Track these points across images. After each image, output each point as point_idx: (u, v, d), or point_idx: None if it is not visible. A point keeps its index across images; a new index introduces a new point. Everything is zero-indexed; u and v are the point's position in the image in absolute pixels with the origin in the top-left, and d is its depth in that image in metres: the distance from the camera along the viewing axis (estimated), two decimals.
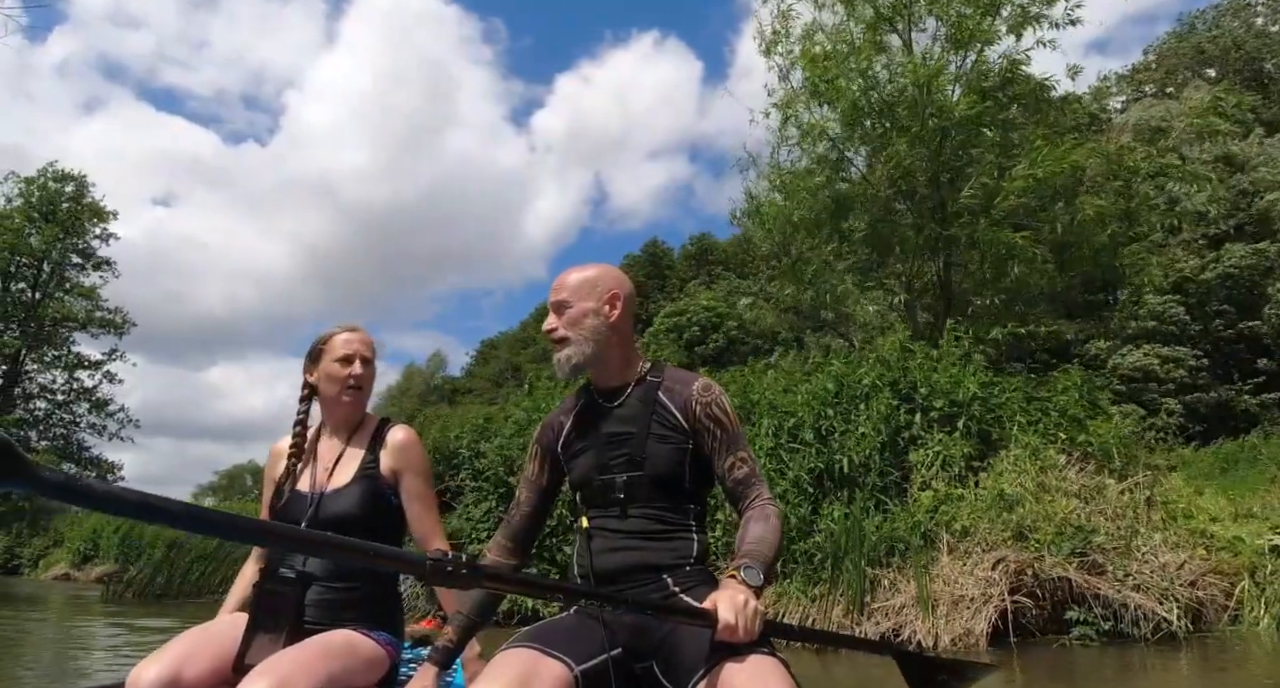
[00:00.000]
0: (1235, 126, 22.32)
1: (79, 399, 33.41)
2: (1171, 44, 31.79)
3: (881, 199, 9.62)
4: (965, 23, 9.34)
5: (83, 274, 33.42)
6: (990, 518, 5.96)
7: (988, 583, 5.42)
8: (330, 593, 1.79)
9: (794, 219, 9.98)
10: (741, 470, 1.55)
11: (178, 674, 1.58)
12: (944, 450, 6.71)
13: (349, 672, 1.65)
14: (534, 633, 1.47)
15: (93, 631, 8.53)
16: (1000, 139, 9.79)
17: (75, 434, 33.16)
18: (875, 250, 9.79)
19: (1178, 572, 5.39)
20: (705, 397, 1.60)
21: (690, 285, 40.98)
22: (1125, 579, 5.34)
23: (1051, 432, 7.09)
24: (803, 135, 10.42)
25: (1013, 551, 5.59)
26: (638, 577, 1.53)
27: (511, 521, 1.74)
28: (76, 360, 33.28)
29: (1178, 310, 19.64)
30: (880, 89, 9.76)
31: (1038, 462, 6.69)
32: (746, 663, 1.28)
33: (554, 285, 1.68)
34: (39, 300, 32.14)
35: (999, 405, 7.26)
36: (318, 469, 1.94)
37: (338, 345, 1.97)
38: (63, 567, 25.61)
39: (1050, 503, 6.10)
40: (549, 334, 1.65)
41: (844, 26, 10.35)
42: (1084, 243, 8.49)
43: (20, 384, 32.11)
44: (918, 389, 7.19)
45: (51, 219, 31.87)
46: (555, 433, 1.73)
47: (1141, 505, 6.20)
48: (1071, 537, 5.65)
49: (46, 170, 32.51)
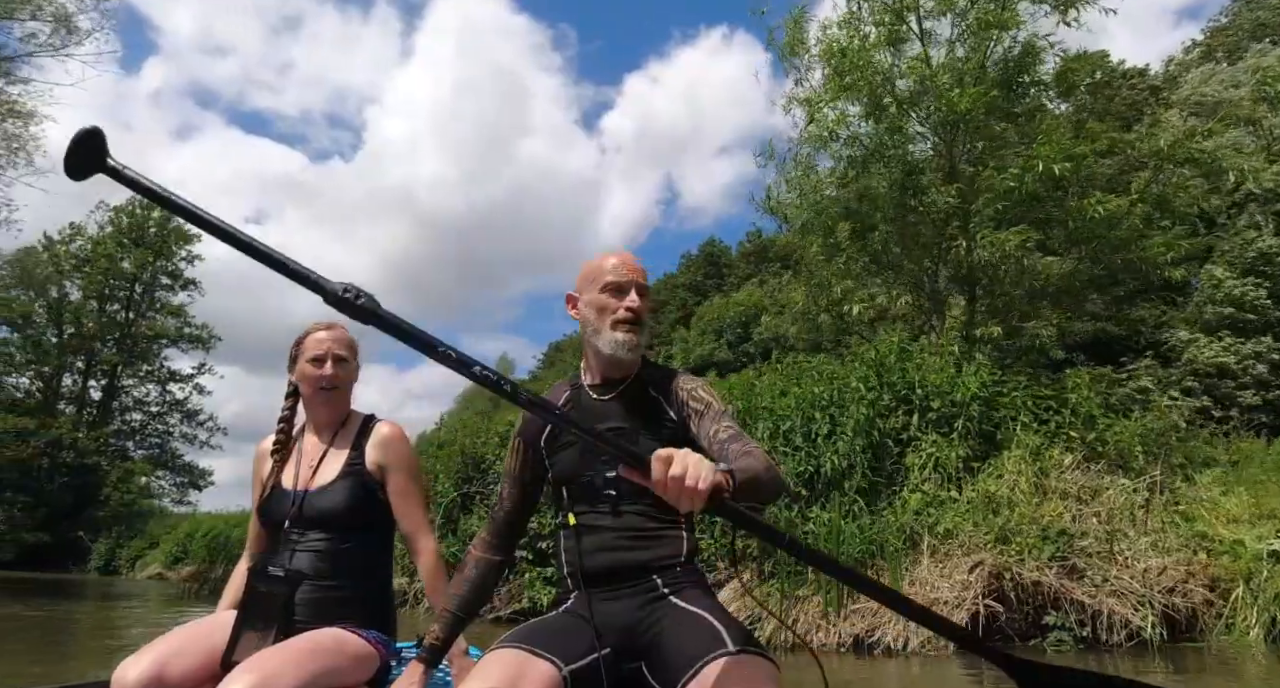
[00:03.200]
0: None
1: (171, 411, 35.77)
2: (1241, 7, 29.81)
3: (896, 198, 9.47)
4: (984, 13, 9.07)
5: (171, 294, 35.82)
6: (975, 521, 5.90)
7: (963, 586, 5.38)
8: (319, 592, 1.79)
9: (808, 220, 9.97)
10: (726, 433, 1.50)
11: (162, 671, 1.57)
12: (936, 452, 6.67)
13: (336, 670, 1.64)
14: (522, 633, 1.46)
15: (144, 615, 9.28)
16: (1018, 130, 9.53)
17: (169, 444, 35.51)
18: (891, 247, 9.63)
19: (1158, 578, 5.22)
20: (689, 384, 1.63)
21: (748, 285, 40.67)
22: (1103, 585, 5.22)
23: (1063, 431, 6.93)
24: (821, 135, 10.31)
25: (992, 554, 5.53)
26: (629, 576, 1.52)
27: (495, 516, 1.72)
28: (169, 374, 35.68)
29: (1259, 294, 18.35)
30: (893, 82, 9.63)
31: (1037, 462, 6.58)
32: (736, 664, 1.26)
33: (633, 266, 1.66)
34: (132, 319, 34.58)
35: (1003, 405, 7.14)
36: (302, 467, 1.95)
37: (309, 346, 1.96)
38: (157, 567, 27.47)
39: (1040, 506, 6.00)
40: (637, 314, 1.62)
41: (859, 17, 10.18)
42: (1096, 239, 8.19)
43: (117, 398, 34.56)
44: (915, 390, 7.15)
45: (141, 243, 34.23)
46: (539, 426, 1.69)
47: (1139, 507, 6.01)
48: (1054, 540, 5.56)
49: (134, 198, 34.94)
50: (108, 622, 8.99)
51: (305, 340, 1.98)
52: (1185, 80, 26.00)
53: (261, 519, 1.95)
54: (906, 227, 9.33)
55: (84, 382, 33.86)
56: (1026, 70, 9.22)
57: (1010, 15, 9.01)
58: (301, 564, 1.80)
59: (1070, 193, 8.33)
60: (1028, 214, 8.47)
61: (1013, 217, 8.41)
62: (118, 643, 6.50)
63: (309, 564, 1.80)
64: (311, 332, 1.99)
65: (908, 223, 9.04)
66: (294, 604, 1.75)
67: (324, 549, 1.82)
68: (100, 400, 33.84)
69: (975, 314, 8.95)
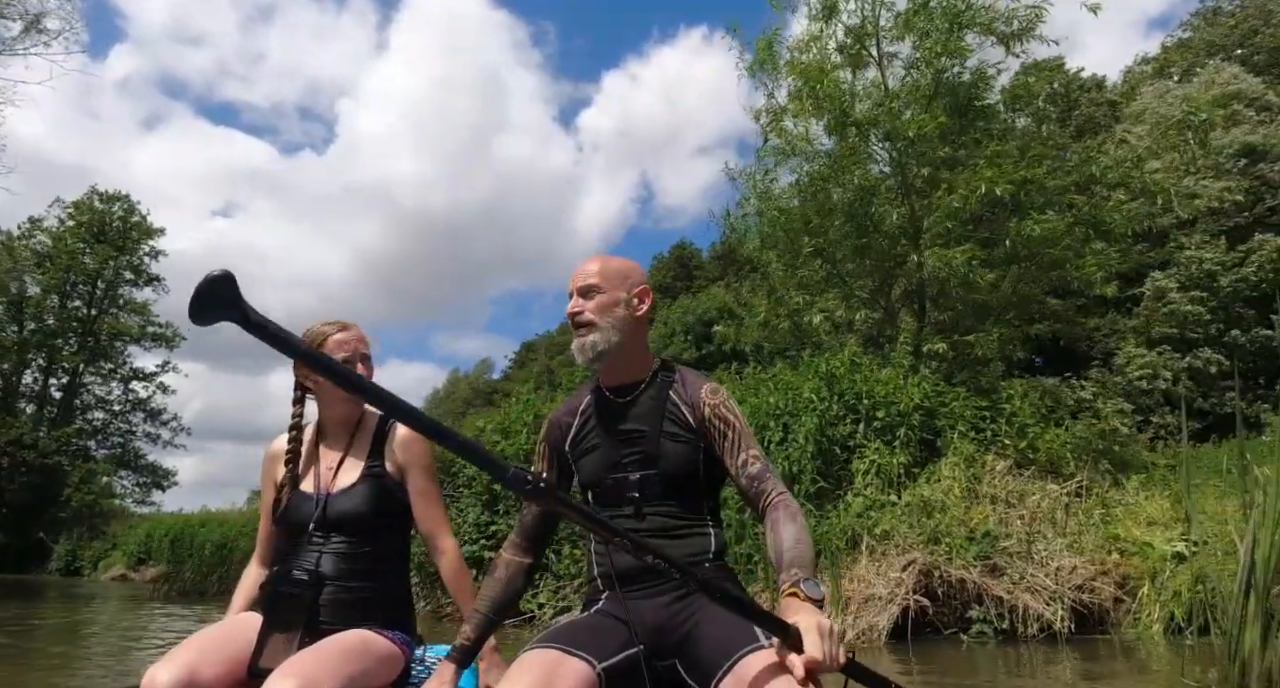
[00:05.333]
0: (1257, 112, 21.79)
1: (134, 410, 35.32)
2: (1199, 24, 30.73)
3: (850, 213, 9.92)
4: (935, 42, 9.55)
5: (135, 289, 35.36)
6: (910, 523, 6.38)
7: (896, 583, 5.85)
8: (344, 593, 1.80)
9: (766, 234, 10.41)
10: (755, 467, 1.54)
11: (193, 676, 1.57)
12: (879, 459, 7.15)
13: (367, 672, 1.66)
14: (556, 633, 1.48)
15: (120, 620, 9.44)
16: (968, 153, 10.05)
17: (131, 443, 35.07)
18: (846, 263, 10.11)
19: (1069, 575, 5.74)
20: (714, 399, 1.62)
21: (715, 287, 41.14)
22: (1020, 582, 5.72)
23: (998, 439, 7.46)
24: (783, 149, 10.73)
25: (924, 553, 6.01)
26: (658, 576, 1.52)
27: (524, 520, 1.74)
28: (132, 373, 35.24)
29: (1201, 310, 19.18)
30: (855, 102, 10.10)
31: (971, 469, 7.10)
32: (771, 657, 1.26)
33: (580, 270, 1.67)
34: (95, 316, 34.08)
35: (944, 415, 7.65)
36: (321, 470, 1.93)
37: (333, 347, 1.94)
38: (120, 568, 27.20)
39: (970, 509, 6.51)
40: (574, 317, 1.64)
41: (824, 40, 10.61)
42: (1033, 257, 8.76)
43: (79, 396, 34.06)
44: (862, 401, 7.62)
45: (103, 239, 33.75)
46: (563, 432, 1.73)
47: (1060, 511, 6.54)
48: (979, 541, 6.06)
49: (91, 192, 34.43)
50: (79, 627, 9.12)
51: (326, 343, 1.94)
52: (1140, 95, 26.90)
53: (281, 524, 1.93)
54: (861, 243, 9.81)
55: (45, 380, 33.36)
56: (977, 97, 9.78)
57: (959, 46, 9.53)
58: (326, 567, 1.80)
59: (1010, 212, 8.88)
60: (974, 233, 9.02)
61: (960, 235, 8.93)
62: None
63: (333, 567, 1.81)
64: (328, 333, 1.96)
65: (860, 241, 9.52)
66: (319, 607, 1.76)
67: (347, 552, 1.84)
68: (62, 399, 33.36)
69: (924, 328, 9.47)
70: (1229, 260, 19.49)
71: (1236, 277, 19.26)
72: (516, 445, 9.28)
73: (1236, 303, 19.43)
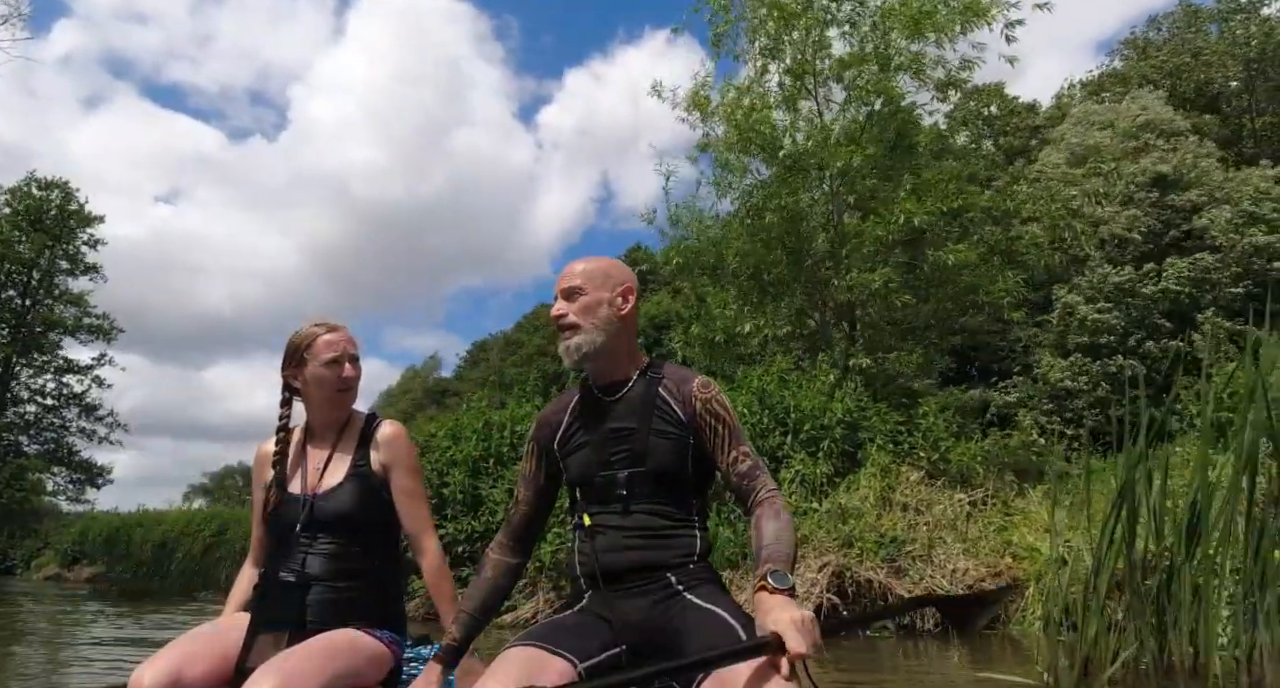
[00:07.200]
0: (1167, 141, 23.20)
1: (68, 404, 34.23)
2: (1131, 53, 32.01)
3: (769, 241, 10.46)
4: (867, 81, 10.23)
5: (71, 278, 34.26)
6: (828, 529, 7.01)
7: (811, 583, 6.45)
8: (331, 593, 1.80)
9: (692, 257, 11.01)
10: (744, 464, 1.55)
11: (178, 676, 1.58)
12: (804, 469, 7.78)
13: (353, 671, 1.66)
14: (537, 632, 1.49)
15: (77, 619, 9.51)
16: (891, 186, 10.75)
17: (65, 438, 34.00)
18: (776, 284, 10.75)
19: (963, 577, 6.43)
20: (705, 394, 1.61)
21: (664, 291, 41.71)
22: (920, 583, 6.39)
23: (914, 451, 8.15)
24: (721, 181, 11.25)
25: (838, 556, 6.63)
26: (642, 575, 1.54)
27: (512, 519, 1.75)
28: (65, 365, 34.16)
29: (1113, 319, 20.33)
30: (789, 138, 10.75)
31: (886, 479, 7.78)
32: (753, 662, 1.26)
33: (564, 272, 1.68)
34: (28, 307, 32.99)
35: (865, 428, 8.32)
36: (308, 470, 1.94)
37: (322, 348, 1.94)
38: (53, 567, 26.54)
39: (881, 516, 7.17)
40: (558, 320, 1.65)
41: (760, 82, 11.22)
42: (948, 282, 9.55)
43: (10, 389, 32.94)
44: (790, 414, 8.25)
45: (39, 227, 32.68)
46: (552, 430, 1.73)
47: (961, 518, 7.26)
48: (887, 546, 6.72)
49: (29, 179, 33.30)
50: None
51: (315, 344, 1.94)
52: (1067, 119, 28.21)
53: (270, 525, 1.94)
54: (791, 266, 10.47)
55: None
56: (905, 135, 10.53)
57: (891, 86, 10.25)
58: (313, 567, 1.82)
59: (928, 241, 9.64)
60: (897, 258, 9.76)
61: (883, 261, 9.66)
62: None
63: (320, 567, 1.82)
64: (317, 334, 1.96)
65: (790, 263, 10.18)
66: (306, 607, 1.78)
67: (334, 552, 1.86)
68: None
69: (851, 347, 10.17)
70: (1139, 276, 20.77)
71: (1157, 287, 20.48)
72: (465, 452, 9.62)
73: (1153, 315, 20.68)
